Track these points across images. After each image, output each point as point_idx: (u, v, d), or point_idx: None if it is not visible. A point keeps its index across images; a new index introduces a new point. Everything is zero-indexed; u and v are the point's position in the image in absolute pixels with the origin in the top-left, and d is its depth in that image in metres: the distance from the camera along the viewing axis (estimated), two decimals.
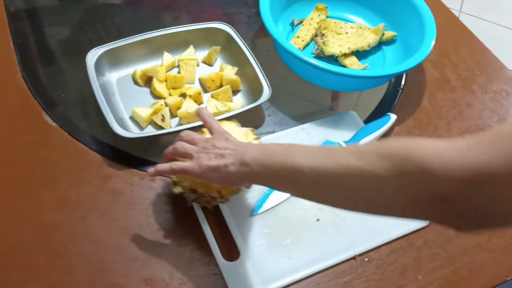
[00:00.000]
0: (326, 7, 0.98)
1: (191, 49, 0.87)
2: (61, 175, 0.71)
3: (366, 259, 0.67)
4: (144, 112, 0.76)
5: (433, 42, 0.85)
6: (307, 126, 0.80)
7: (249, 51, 0.84)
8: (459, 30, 1.03)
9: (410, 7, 0.91)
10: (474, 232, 0.44)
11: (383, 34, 0.94)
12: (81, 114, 0.79)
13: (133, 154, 0.75)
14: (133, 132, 0.75)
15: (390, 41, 0.95)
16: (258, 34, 0.96)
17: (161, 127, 0.76)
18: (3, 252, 0.63)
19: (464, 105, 0.87)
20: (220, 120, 0.71)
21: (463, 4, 2.47)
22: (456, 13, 2.34)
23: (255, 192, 0.71)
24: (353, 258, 0.66)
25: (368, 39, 0.92)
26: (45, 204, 0.67)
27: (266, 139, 0.77)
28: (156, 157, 0.75)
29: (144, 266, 0.63)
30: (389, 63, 0.92)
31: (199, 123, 0.73)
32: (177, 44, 0.87)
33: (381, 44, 0.95)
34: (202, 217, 0.67)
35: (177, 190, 0.64)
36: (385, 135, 0.80)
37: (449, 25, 1.03)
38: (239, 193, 0.67)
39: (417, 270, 0.66)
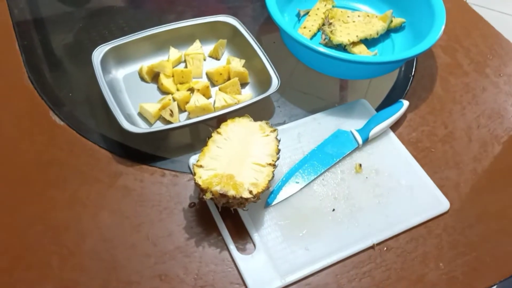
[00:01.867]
0: None
1: (197, 43, 0.86)
2: (71, 174, 0.70)
3: (385, 248, 0.65)
4: (152, 107, 0.75)
5: (443, 27, 0.83)
6: (318, 116, 0.79)
7: (256, 43, 0.82)
8: (468, 14, 1.01)
9: None
10: None
11: (391, 21, 0.92)
12: (88, 113, 0.78)
13: (142, 150, 0.73)
14: (142, 127, 0.74)
15: (398, 28, 0.94)
16: (264, 27, 0.95)
17: (169, 122, 0.75)
18: (16, 252, 0.62)
19: (478, 89, 0.85)
20: (232, 117, 0.69)
21: None
22: None
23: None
24: (372, 247, 0.65)
25: (376, 26, 0.90)
26: (55, 204, 0.66)
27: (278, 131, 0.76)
28: (166, 152, 0.74)
29: (157, 262, 0.62)
30: (398, 50, 0.90)
31: (208, 116, 0.72)
32: (183, 39, 0.86)
33: (389, 31, 0.93)
34: (215, 210, 0.66)
35: (208, 196, 0.61)
36: (398, 122, 0.79)
37: (458, 10, 1.01)
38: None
39: (438, 258, 0.64)
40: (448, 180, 0.72)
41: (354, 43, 0.88)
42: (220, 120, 0.71)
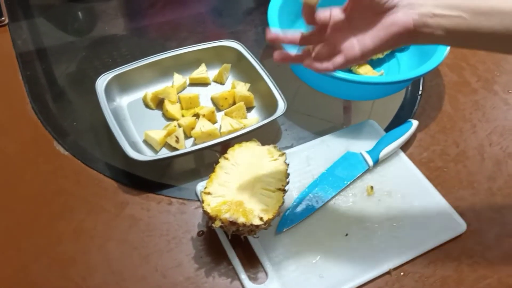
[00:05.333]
0: None
1: (202, 67, 0.85)
2: (77, 204, 0.68)
3: (402, 273, 0.63)
4: (157, 134, 0.74)
5: (448, 47, 0.82)
6: (327, 138, 0.78)
7: (260, 67, 0.82)
8: None
9: None
10: None
11: None
12: (93, 142, 0.77)
13: (148, 178, 0.72)
14: (148, 155, 0.72)
15: (404, 48, 0.93)
16: (268, 51, 0.95)
17: (175, 149, 0.74)
18: None
19: (488, 106, 0.84)
20: (239, 142, 0.68)
21: None
22: None
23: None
24: (388, 273, 0.62)
25: None
26: (61, 236, 0.65)
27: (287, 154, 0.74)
28: (172, 179, 0.72)
29: None
30: (404, 70, 0.89)
31: (215, 141, 0.71)
32: (187, 64, 0.85)
33: (394, 51, 0.93)
34: (224, 238, 0.64)
35: (217, 224, 0.59)
36: (408, 142, 0.77)
37: None
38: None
39: (459, 282, 0.62)
40: (463, 200, 0.71)
41: (359, 64, 0.88)
42: (226, 145, 0.70)
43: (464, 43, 0.55)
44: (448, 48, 0.82)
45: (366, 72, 0.87)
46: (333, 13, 0.57)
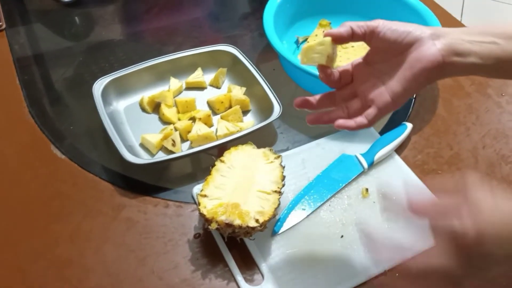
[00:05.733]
0: (330, 23, 0.98)
1: (199, 71, 0.86)
2: (74, 207, 0.68)
3: (397, 274, 0.63)
4: (154, 138, 0.74)
5: None
6: (322, 141, 0.78)
7: (256, 71, 0.82)
8: None
9: (415, 14, 0.90)
10: None
11: None
12: (90, 145, 0.77)
13: (145, 182, 0.72)
14: (144, 158, 0.73)
15: None
16: (263, 55, 0.95)
17: (172, 152, 0.75)
18: None
19: (481, 109, 0.85)
20: (235, 145, 0.69)
21: (462, 18, 2.48)
22: None
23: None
24: (384, 273, 0.63)
25: None
26: (59, 238, 0.65)
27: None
28: (168, 182, 0.73)
29: None
30: None
31: (211, 145, 0.72)
32: (183, 69, 0.86)
33: None
34: (220, 240, 0.64)
35: (213, 226, 0.59)
36: (403, 145, 0.78)
37: None
38: None
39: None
40: None
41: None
42: (222, 148, 0.71)
43: (498, 71, 0.51)
44: None
45: None
46: (354, 63, 0.54)
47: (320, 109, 0.58)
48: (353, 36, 0.52)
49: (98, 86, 0.78)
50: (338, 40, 0.53)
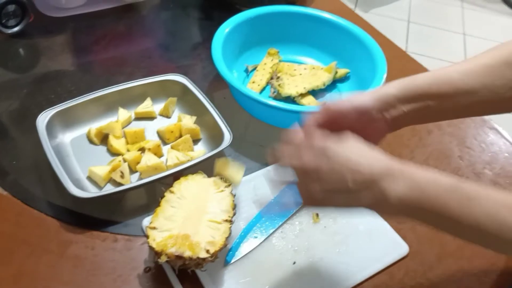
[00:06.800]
0: (278, 52, 1.00)
1: (148, 101, 0.86)
2: (16, 247, 0.65)
3: None
4: (101, 170, 0.73)
5: (385, 75, 0.87)
6: (274, 167, 0.79)
7: (206, 99, 0.83)
8: (409, 63, 1.06)
9: (359, 44, 0.94)
10: None
11: (336, 72, 0.95)
12: (35, 180, 0.75)
13: (93, 216, 0.70)
14: (91, 192, 0.71)
15: (344, 78, 0.97)
16: (214, 84, 0.96)
17: (120, 184, 0.73)
18: None
19: (424, 132, 0.89)
20: (185, 175, 0.68)
21: (408, 45, 2.59)
22: None
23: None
24: None
25: (322, 78, 0.93)
26: (1, 281, 0.62)
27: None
28: (120, 216, 0.71)
29: None
30: None
31: (161, 175, 0.71)
32: (132, 99, 0.85)
33: (335, 81, 0.97)
34: (172, 274, 0.63)
35: (163, 259, 0.58)
36: None
37: (399, 59, 1.06)
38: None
39: None
40: (404, 223, 0.73)
41: (302, 95, 0.91)
42: (175, 178, 0.70)
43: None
44: (385, 75, 0.86)
45: (309, 103, 0.90)
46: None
47: None
48: None
49: (43, 119, 0.76)
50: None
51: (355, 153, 0.48)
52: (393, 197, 0.46)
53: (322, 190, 0.49)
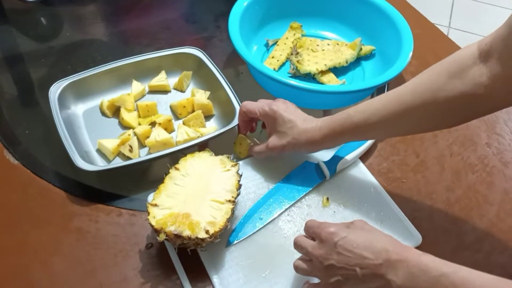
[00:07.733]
0: (301, 26, 0.96)
1: (162, 74, 0.84)
2: (22, 217, 0.66)
3: None
4: (110, 143, 0.72)
5: (410, 53, 0.82)
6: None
7: (221, 75, 0.80)
8: (438, 39, 1.00)
9: (385, 19, 0.88)
10: None
11: (361, 49, 0.91)
12: (45, 151, 0.75)
13: (99, 189, 0.70)
14: (99, 165, 0.70)
15: (369, 56, 0.92)
16: (232, 57, 0.93)
17: (129, 158, 0.72)
18: None
19: None
20: (192, 152, 0.67)
21: (451, 20, 2.46)
22: (445, 29, 2.32)
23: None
24: None
25: (345, 54, 0.89)
26: (4, 250, 0.62)
27: (242, 163, 0.72)
28: (126, 190, 0.70)
29: None
30: (369, 77, 0.88)
31: (169, 151, 0.69)
32: (147, 72, 0.84)
33: (360, 59, 0.92)
34: (173, 252, 0.62)
35: (162, 237, 0.57)
36: (368, 151, 0.76)
37: (428, 35, 1.00)
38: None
39: None
40: (420, 211, 0.69)
41: (322, 72, 0.87)
42: (184, 154, 0.68)
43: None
44: (411, 53, 0.81)
45: (329, 81, 0.86)
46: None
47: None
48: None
49: (55, 89, 0.76)
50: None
51: (361, 246, 0.53)
52: (395, 286, 0.50)
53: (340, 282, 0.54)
